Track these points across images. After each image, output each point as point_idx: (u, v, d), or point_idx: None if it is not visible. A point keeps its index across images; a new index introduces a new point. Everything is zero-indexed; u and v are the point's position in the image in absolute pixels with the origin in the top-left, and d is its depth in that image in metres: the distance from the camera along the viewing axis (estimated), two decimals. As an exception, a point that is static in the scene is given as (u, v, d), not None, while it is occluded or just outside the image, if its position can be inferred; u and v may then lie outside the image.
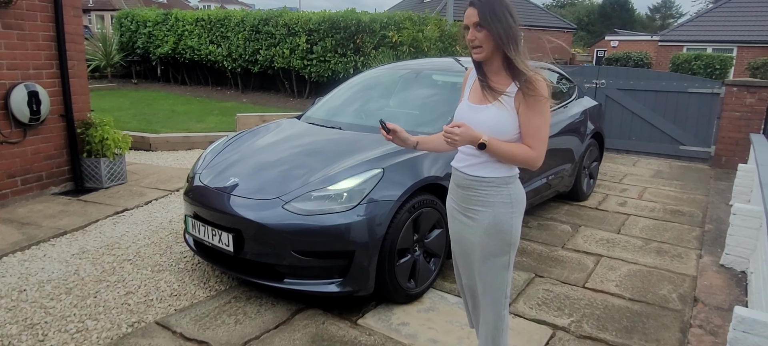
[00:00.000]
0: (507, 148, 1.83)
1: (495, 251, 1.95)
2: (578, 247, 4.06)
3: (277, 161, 3.29)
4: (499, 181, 1.91)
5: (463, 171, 1.96)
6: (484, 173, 1.91)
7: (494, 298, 2.01)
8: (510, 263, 1.99)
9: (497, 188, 1.91)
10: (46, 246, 3.73)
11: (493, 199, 1.92)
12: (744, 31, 21.05)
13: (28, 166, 4.63)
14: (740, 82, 7.18)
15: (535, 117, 1.82)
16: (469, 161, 1.94)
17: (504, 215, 1.92)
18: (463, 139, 1.80)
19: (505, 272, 1.99)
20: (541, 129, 1.83)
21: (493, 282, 1.99)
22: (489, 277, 1.99)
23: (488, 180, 1.91)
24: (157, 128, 7.92)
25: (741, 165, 5.31)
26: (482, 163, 1.91)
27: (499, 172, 1.90)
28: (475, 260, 2.01)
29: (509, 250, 1.96)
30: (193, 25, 12.74)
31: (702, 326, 2.86)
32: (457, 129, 1.78)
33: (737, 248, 3.63)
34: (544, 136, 1.85)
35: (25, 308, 2.88)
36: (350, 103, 4.31)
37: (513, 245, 1.96)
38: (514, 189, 1.94)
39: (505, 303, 2.03)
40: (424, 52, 10.17)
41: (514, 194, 1.93)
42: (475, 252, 1.99)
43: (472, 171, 1.93)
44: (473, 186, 1.94)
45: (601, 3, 51.84)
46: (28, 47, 4.52)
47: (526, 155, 1.84)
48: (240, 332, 2.72)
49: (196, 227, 3.14)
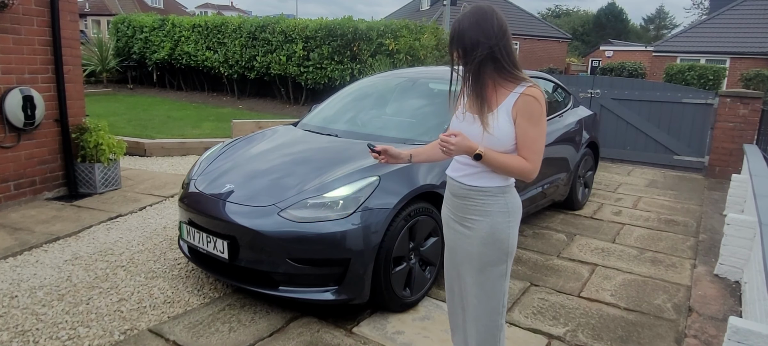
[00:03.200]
0: (502, 160, 1.81)
1: (492, 261, 1.94)
2: (573, 256, 4.06)
3: (273, 168, 3.28)
4: (495, 190, 1.90)
5: (459, 180, 1.95)
6: (480, 182, 1.90)
7: (491, 307, 1.99)
8: (507, 272, 1.98)
9: (494, 197, 1.90)
10: (38, 252, 3.70)
11: (490, 208, 1.91)
12: (737, 42, 21.28)
13: (21, 171, 4.60)
14: (734, 93, 7.25)
15: (530, 129, 1.80)
16: (464, 171, 1.93)
17: (501, 224, 1.91)
18: (458, 148, 1.80)
19: (502, 281, 1.98)
20: (536, 141, 1.82)
21: (490, 291, 1.98)
22: (486, 286, 1.97)
23: (485, 190, 1.90)
24: (153, 134, 7.90)
25: (735, 175, 5.35)
26: (478, 172, 1.90)
27: (495, 181, 1.89)
28: (470, 269, 1.99)
29: (506, 259, 1.95)
30: (189, 31, 12.74)
31: (696, 336, 2.87)
32: (454, 138, 1.78)
33: (731, 258, 3.65)
34: (540, 148, 1.83)
35: (16, 315, 2.85)
36: (347, 111, 4.32)
37: (510, 254, 1.95)
38: (510, 198, 1.93)
39: (502, 312, 2.02)
40: (421, 60, 10.22)
41: (511, 202, 1.92)
42: (472, 262, 1.97)
43: (468, 180, 1.92)
44: (469, 195, 1.93)
45: (596, 13, 52.27)
46: (23, 52, 4.50)
47: (521, 167, 1.82)
48: (234, 339, 2.70)
49: (190, 233, 3.13)
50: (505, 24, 1.81)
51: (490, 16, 1.78)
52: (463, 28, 1.79)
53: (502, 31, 1.78)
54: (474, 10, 1.80)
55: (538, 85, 1.83)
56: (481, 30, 1.76)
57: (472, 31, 1.77)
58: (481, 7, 1.80)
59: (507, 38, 1.80)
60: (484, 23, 1.77)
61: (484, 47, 1.76)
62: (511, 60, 1.81)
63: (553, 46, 30.36)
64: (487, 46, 1.76)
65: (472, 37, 1.77)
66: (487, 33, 1.76)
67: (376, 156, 2.07)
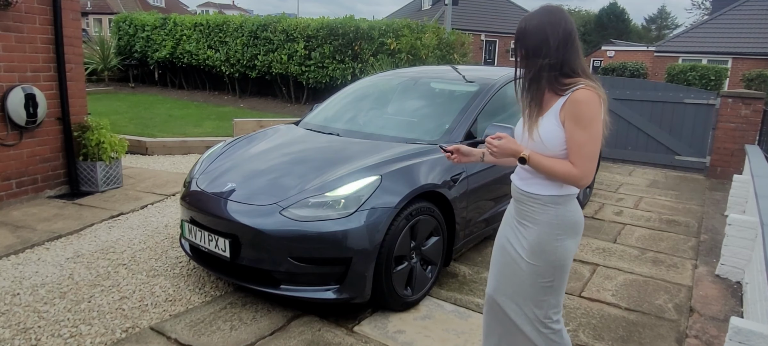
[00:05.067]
0: (548, 164, 1.75)
1: (539, 270, 1.87)
2: (575, 256, 4.06)
3: (275, 167, 3.28)
4: (546, 199, 1.83)
5: (516, 184, 1.93)
6: (532, 189, 1.85)
7: (534, 316, 1.92)
8: (554, 284, 1.89)
9: (544, 206, 1.83)
10: (40, 250, 3.70)
11: (539, 217, 1.85)
12: (739, 43, 21.26)
13: (23, 169, 4.61)
14: (735, 93, 7.23)
15: (577, 132, 1.71)
16: (520, 175, 1.91)
17: (548, 236, 1.84)
18: (502, 151, 1.78)
19: (548, 293, 1.90)
20: (584, 146, 1.71)
21: (533, 299, 1.91)
22: (530, 292, 1.91)
23: (535, 197, 1.84)
24: (154, 132, 7.91)
25: (736, 176, 5.34)
26: (531, 178, 1.85)
27: (548, 189, 1.82)
28: (516, 271, 1.93)
29: (553, 272, 1.87)
30: (191, 30, 12.75)
31: (698, 336, 2.87)
32: (497, 141, 1.75)
33: (733, 259, 3.65)
34: (589, 153, 1.72)
35: (18, 312, 2.86)
36: (348, 110, 4.32)
37: (558, 268, 1.87)
38: (563, 210, 1.83)
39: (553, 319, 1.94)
40: (422, 59, 10.22)
41: (562, 215, 1.83)
42: (519, 265, 1.91)
43: (523, 186, 1.89)
44: (523, 200, 1.90)
45: (598, 13, 52.18)
46: (25, 50, 4.51)
47: (567, 173, 1.73)
48: (235, 338, 2.70)
49: (192, 232, 3.13)
50: (572, 28, 1.74)
51: (557, 20, 1.72)
52: (528, 30, 1.74)
53: (566, 38, 1.72)
54: (542, 10, 1.76)
55: (593, 86, 1.74)
56: (545, 35, 1.71)
57: (536, 36, 1.72)
58: (549, 9, 1.75)
59: (570, 44, 1.73)
60: (550, 28, 1.71)
61: (546, 54, 1.71)
62: (572, 67, 1.74)
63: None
64: (548, 52, 1.71)
65: (535, 42, 1.72)
66: (550, 38, 1.71)
67: (449, 156, 2.05)
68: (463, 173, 3.35)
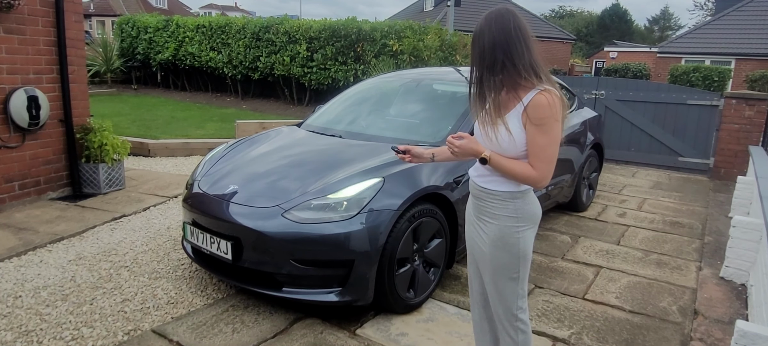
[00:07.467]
0: (508, 165, 1.80)
1: (503, 263, 1.94)
2: (578, 258, 4.04)
3: (277, 169, 3.28)
4: (504, 195, 1.88)
5: (475, 181, 1.97)
6: (491, 186, 1.90)
7: (505, 308, 2.01)
8: (520, 276, 1.97)
9: (503, 202, 1.89)
10: (42, 252, 3.70)
11: (499, 212, 1.91)
12: (742, 43, 21.17)
13: (26, 171, 4.61)
14: (739, 94, 7.20)
15: (538, 136, 1.76)
16: (479, 172, 1.95)
17: (509, 229, 1.90)
18: (463, 151, 1.80)
19: (515, 283, 1.97)
20: (545, 149, 1.76)
21: (502, 291, 1.99)
22: (499, 285, 1.99)
23: (494, 193, 1.90)
24: (157, 134, 7.92)
25: (740, 177, 5.31)
26: (489, 176, 1.90)
27: (506, 186, 1.87)
28: (486, 268, 2.01)
29: (518, 263, 1.94)
30: (193, 32, 12.77)
31: (702, 339, 2.85)
32: (458, 141, 1.78)
33: (737, 261, 3.62)
34: (548, 155, 1.77)
35: (20, 315, 2.86)
36: (351, 112, 4.31)
37: (522, 259, 1.93)
38: (521, 204, 1.89)
39: (521, 308, 2.02)
40: (425, 61, 10.21)
41: (521, 208, 1.89)
42: (486, 261, 1.99)
43: (481, 182, 1.94)
44: (482, 197, 1.95)
45: (600, 14, 52.14)
46: (28, 52, 4.52)
47: (526, 175, 1.79)
48: (237, 340, 2.69)
49: (194, 234, 3.13)
50: (524, 27, 1.77)
51: (506, 20, 1.75)
52: (483, 32, 1.78)
53: (518, 35, 1.74)
54: (495, 12, 1.79)
55: (552, 90, 1.77)
56: (495, 34, 1.74)
57: (488, 35, 1.76)
58: (498, 10, 1.79)
59: (525, 44, 1.75)
60: (504, 29, 1.74)
61: (499, 52, 1.74)
62: (527, 65, 1.75)
63: (557, 47, 30.29)
64: (501, 51, 1.74)
65: (490, 44, 1.75)
66: (502, 37, 1.74)
67: (401, 156, 2.09)
68: (466, 175, 3.34)
